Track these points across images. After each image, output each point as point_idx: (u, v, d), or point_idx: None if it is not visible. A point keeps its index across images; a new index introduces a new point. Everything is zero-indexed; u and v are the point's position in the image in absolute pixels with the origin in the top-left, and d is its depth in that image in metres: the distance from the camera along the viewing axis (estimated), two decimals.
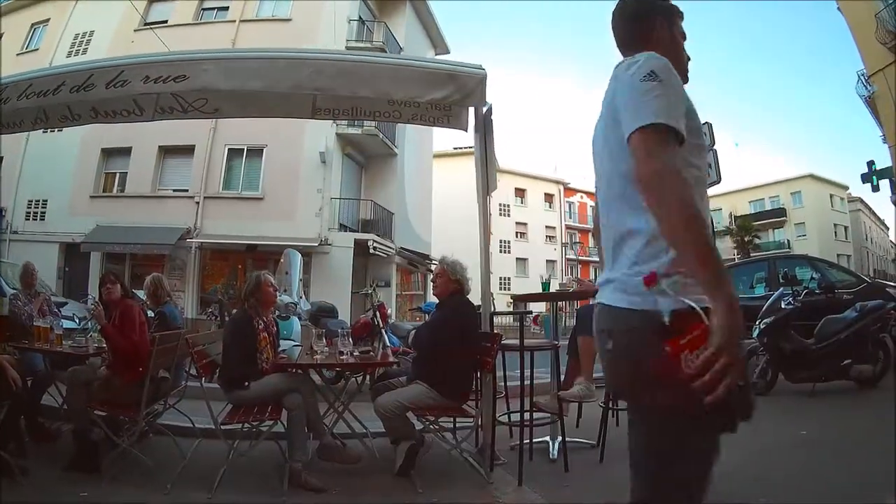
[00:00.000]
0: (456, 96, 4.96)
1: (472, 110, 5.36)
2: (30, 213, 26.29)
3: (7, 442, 5.07)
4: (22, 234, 25.89)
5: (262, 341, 5.61)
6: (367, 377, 6.44)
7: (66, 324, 8.07)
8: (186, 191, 23.12)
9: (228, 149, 22.80)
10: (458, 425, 5.85)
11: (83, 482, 4.75)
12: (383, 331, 9.72)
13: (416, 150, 26.76)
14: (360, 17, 24.38)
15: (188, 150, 23.30)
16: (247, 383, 5.25)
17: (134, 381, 5.30)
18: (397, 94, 5.14)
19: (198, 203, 22.49)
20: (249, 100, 5.47)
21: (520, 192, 57.70)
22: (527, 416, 5.36)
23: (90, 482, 4.74)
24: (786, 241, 57.49)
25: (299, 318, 11.15)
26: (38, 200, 26.18)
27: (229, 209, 22.26)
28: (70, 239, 24.17)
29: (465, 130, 5.57)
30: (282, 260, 13.43)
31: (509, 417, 5.89)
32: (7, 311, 7.07)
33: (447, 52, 30.30)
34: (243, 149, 22.62)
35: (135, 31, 25.94)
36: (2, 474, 4.68)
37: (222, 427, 4.95)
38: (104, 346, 6.04)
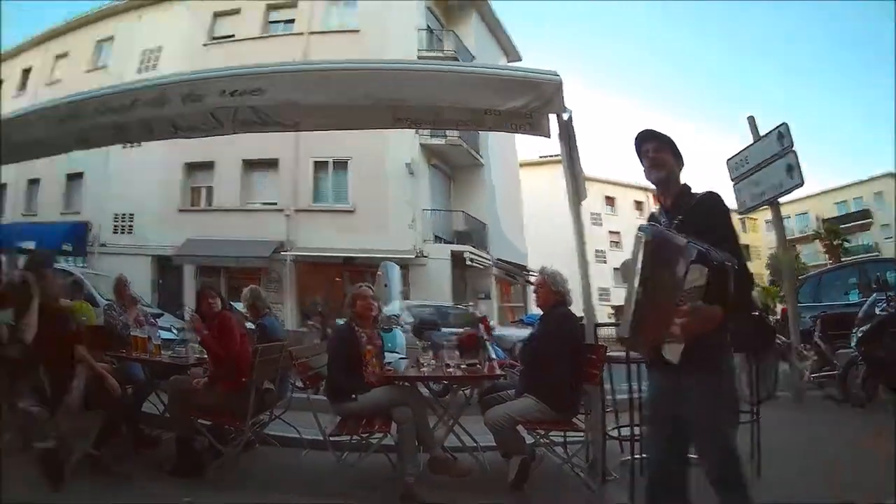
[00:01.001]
0: (535, 103, 4.86)
1: (553, 117, 5.28)
2: (117, 226, 27.12)
3: (109, 447, 5.23)
4: (111, 247, 26.68)
5: (367, 353, 5.63)
6: (475, 390, 6.40)
7: (164, 334, 8.32)
8: (275, 204, 23.31)
9: (314, 161, 22.91)
10: (568, 439, 5.74)
11: (186, 487, 4.85)
12: (489, 343, 9.47)
13: (501, 160, 26.55)
14: (427, 27, 24.27)
15: (272, 164, 23.55)
16: (354, 395, 5.27)
17: (235, 390, 5.46)
18: (477, 103, 5.07)
19: (288, 216, 22.66)
20: (329, 112, 5.43)
21: (609, 201, 57.11)
22: (637, 430, 5.16)
23: (193, 487, 4.85)
24: (873, 245, 55.05)
25: (402, 330, 10.97)
26: (125, 214, 26.98)
27: (321, 222, 22.36)
28: (161, 252, 24.71)
29: (548, 137, 5.47)
30: (379, 272, 13.52)
31: (619, 432, 5.67)
32: (102, 321, 7.28)
33: (519, 58, 29.76)
34: (329, 161, 22.69)
35: (203, 45, 26.57)
36: (104, 478, 4.86)
37: (331, 438, 5.07)
38: (204, 356, 6.19)
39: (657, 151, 3.29)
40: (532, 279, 17.73)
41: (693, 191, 3.25)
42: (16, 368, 4.64)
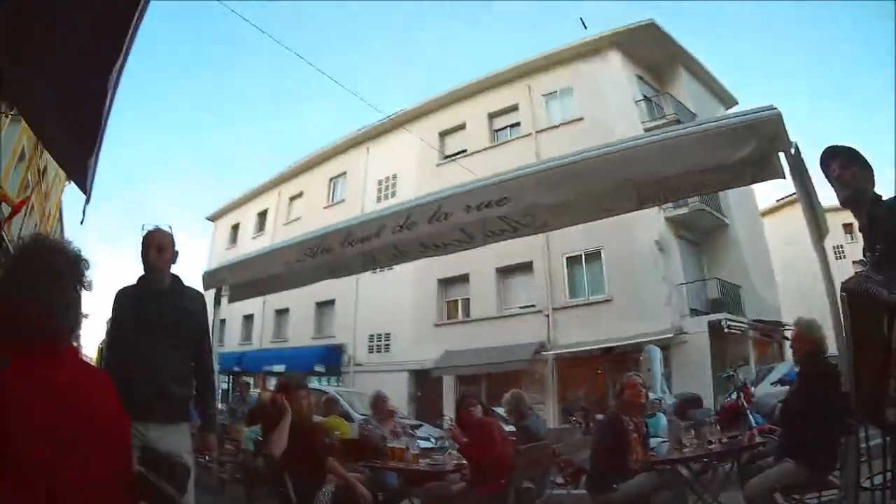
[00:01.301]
0: (763, 145, 4.48)
1: (781, 155, 4.86)
2: (372, 346, 28.60)
3: None
4: (366, 365, 28.12)
5: (632, 441, 5.48)
6: (734, 464, 5.96)
7: (423, 444, 8.44)
8: (533, 306, 23.41)
9: (566, 257, 22.92)
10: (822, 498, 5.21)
11: None
12: (748, 412, 9.21)
13: (743, 214, 25.42)
14: (644, 96, 23.90)
15: (526, 267, 23.80)
16: (615, 486, 5.16)
17: (494, 494, 5.53)
18: (709, 162, 4.71)
19: (547, 316, 22.64)
20: (574, 206, 5.21)
21: (847, 228, 53.34)
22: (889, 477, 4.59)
23: None
24: None
25: (665, 414, 10.76)
26: (380, 334, 28.31)
27: (580, 317, 22.10)
28: (419, 366, 25.50)
29: (783, 177, 5.04)
30: (641, 357, 13.27)
31: (872, 482, 5.11)
32: (356, 434, 7.65)
33: (736, 102, 28.59)
34: (580, 255, 22.57)
35: (437, 165, 27.85)
36: None
37: None
38: (463, 462, 6.28)
39: (843, 168, 3.18)
40: (788, 334, 16.77)
41: (883, 198, 2.98)
42: (259, 479, 5.00)
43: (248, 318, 37.25)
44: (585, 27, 21.47)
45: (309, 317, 32.57)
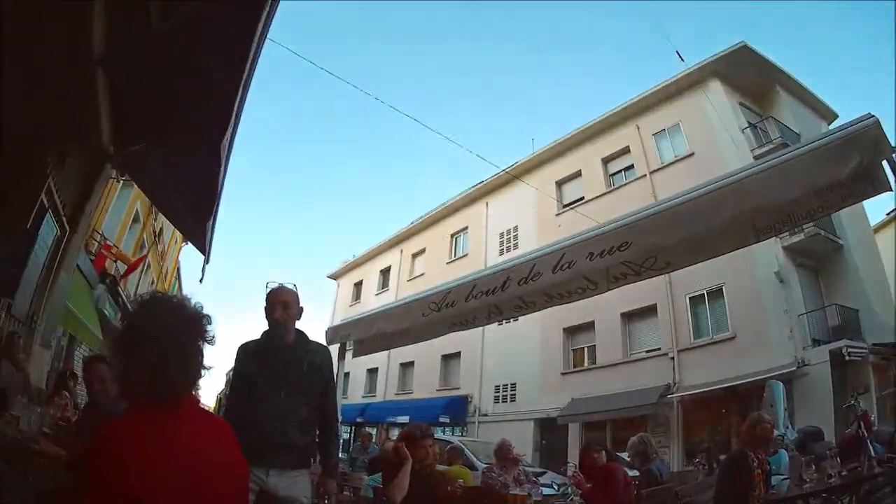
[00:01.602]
0: (867, 157, 4.32)
1: (885, 164, 4.67)
2: (498, 396, 28.81)
3: None
4: (493, 415, 28.35)
5: (755, 479, 5.39)
6: (853, 496, 5.71)
7: (546, 490, 8.45)
8: (658, 349, 23.17)
9: (689, 297, 22.63)
10: None
11: None
12: (868, 441, 8.70)
13: (856, 233, 24.38)
14: (749, 123, 23.50)
15: (650, 310, 23.62)
16: None
17: None
18: (819, 183, 4.59)
19: (672, 358, 22.36)
20: (695, 243, 5.17)
21: None
22: None
23: None
24: None
25: (787, 450, 10.27)
26: (506, 384, 28.54)
27: (704, 357, 21.70)
28: (544, 414, 25.55)
29: (891, 189, 4.84)
30: (764, 394, 12.96)
31: None
32: (479, 482, 7.69)
33: (836, 116, 27.27)
34: (703, 293, 22.26)
35: (556, 215, 28.24)
36: None
37: None
38: None
39: None
40: None
41: None
42: None
43: (373, 372, 38.20)
44: (682, 59, 21.22)
45: (434, 369, 33.18)
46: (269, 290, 4.38)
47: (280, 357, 4.22)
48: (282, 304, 4.26)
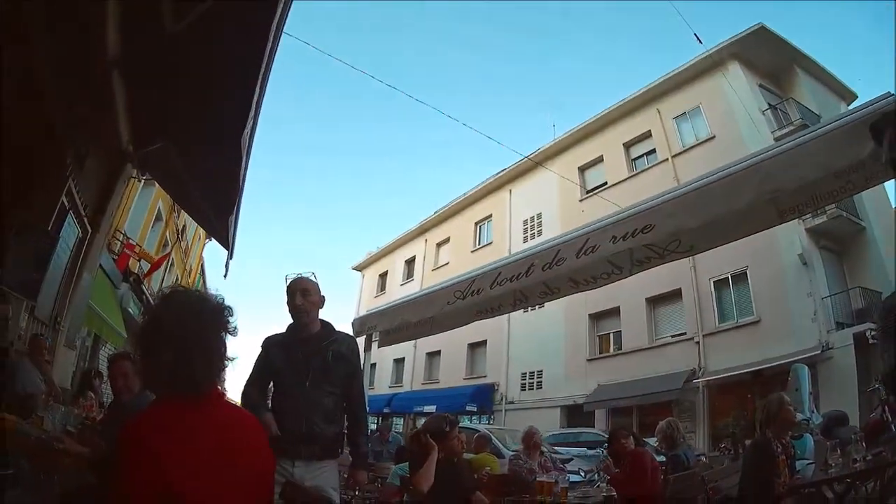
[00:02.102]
0: (889, 135, 4.26)
1: None
2: (524, 384, 28.88)
3: None
4: (519, 403, 28.43)
5: (779, 464, 5.33)
6: (877, 482, 5.54)
7: (573, 478, 8.44)
8: (684, 334, 23.09)
9: (713, 281, 22.50)
10: None
11: None
12: (892, 425, 8.70)
13: (878, 214, 24.19)
14: (769, 105, 23.31)
15: (675, 295, 23.55)
16: None
17: None
18: (840, 163, 4.53)
19: (697, 343, 22.26)
20: (718, 225, 5.12)
21: None
22: None
23: None
24: None
25: (812, 435, 10.29)
26: (532, 372, 28.59)
27: (729, 341, 21.57)
28: (571, 401, 25.67)
29: None
30: (789, 378, 12.87)
31: None
32: (506, 470, 7.74)
33: (855, 97, 26.88)
34: (727, 277, 22.12)
35: (580, 201, 28.27)
36: None
37: None
38: (611, 494, 6.33)
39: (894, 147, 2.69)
40: None
41: None
42: None
43: (399, 362, 38.37)
44: (700, 42, 21.06)
45: (461, 358, 33.33)
46: (287, 281, 4.36)
47: (305, 348, 4.22)
48: (301, 292, 4.25)
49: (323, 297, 4.40)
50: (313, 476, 3.96)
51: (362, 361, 4.87)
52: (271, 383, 4.31)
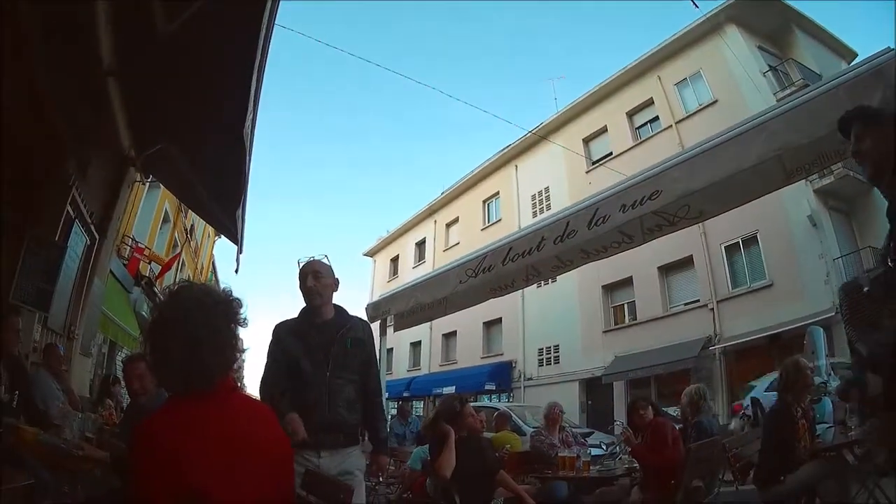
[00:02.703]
0: (889, 90, 4.19)
1: None
2: (542, 359, 28.89)
3: None
4: (538, 379, 28.49)
5: (800, 429, 5.35)
6: None
7: (594, 451, 8.47)
8: (698, 301, 23.04)
9: (724, 247, 22.41)
10: None
11: None
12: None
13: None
14: (769, 66, 23.10)
15: (687, 262, 23.48)
16: (782, 478, 5.09)
17: (666, 494, 5.51)
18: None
19: (712, 310, 22.19)
20: (725, 189, 5.10)
21: None
22: None
23: None
24: None
25: (830, 397, 10.44)
26: (549, 347, 28.56)
27: (743, 306, 21.48)
28: (589, 374, 25.65)
29: None
30: (805, 341, 12.82)
31: None
32: (528, 447, 7.79)
33: (855, 55, 26.01)
34: (738, 242, 22.01)
35: (586, 172, 28.11)
36: None
37: None
38: (633, 465, 6.58)
39: (859, 140, 2.76)
40: None
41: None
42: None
43: (416, 345, 38.45)
44: (696, 6, 20.82)
45: (477, 337, 33.37)
46: (299, 266, 4.27)
47: (322, 336, 4.11)
48: (313, 274, 4.15)
49: (336, 279, 4.29)
50: (338, 463, 3.91)
51: (378, 347, 4.85)
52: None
